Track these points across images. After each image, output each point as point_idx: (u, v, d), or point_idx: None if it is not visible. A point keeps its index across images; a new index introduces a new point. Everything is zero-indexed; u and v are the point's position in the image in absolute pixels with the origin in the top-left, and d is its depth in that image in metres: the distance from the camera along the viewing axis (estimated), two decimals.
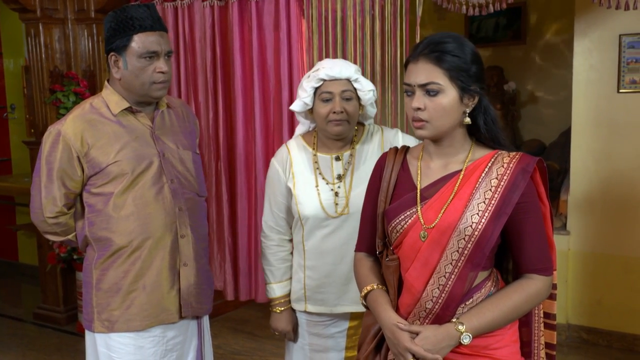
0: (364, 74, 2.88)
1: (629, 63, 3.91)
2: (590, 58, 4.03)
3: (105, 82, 2.26)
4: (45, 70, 4.53)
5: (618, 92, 3.95)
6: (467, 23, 5.98)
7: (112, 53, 2.15)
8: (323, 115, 2.21)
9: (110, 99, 2.20)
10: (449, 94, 1.65)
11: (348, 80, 2.21)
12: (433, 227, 1.67)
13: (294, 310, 2.40)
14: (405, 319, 1.71)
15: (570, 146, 4.17)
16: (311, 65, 3.76)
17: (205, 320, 2.43)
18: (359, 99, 2.24)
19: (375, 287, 1.80)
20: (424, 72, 1.66)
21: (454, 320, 1.65)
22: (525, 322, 1.78)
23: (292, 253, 2.40)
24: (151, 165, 2.19)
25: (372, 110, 2.33)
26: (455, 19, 5.89)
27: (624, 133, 3.95)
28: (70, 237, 2.29)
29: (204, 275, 2.34)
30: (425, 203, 1.71)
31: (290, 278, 2.39)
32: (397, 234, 1.73)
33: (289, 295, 2.39)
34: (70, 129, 2.14)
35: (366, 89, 2.22)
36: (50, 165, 2.16)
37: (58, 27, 4.58)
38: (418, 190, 1.74)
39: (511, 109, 5.80)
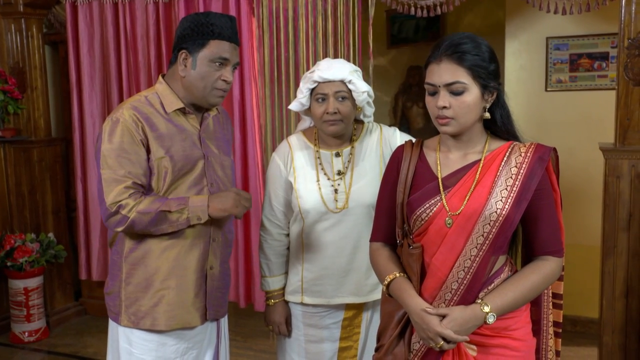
0: None
1: (555, 64, 4.22)
2: (520, 59, 4.30)
3: (160, 77, 2.21)
4: None
5: (546, 90, 4.25)
6: (389, 24, 6.17)
7: (183, 51, 2.11)
8: (318, 116, 2.27)
9: (166, 96, 2.16)
10: (473, 92, 1.74)
11: (342, 81, 2.24)
12: (459, 213, 1.76)
13: (287, 303, 2.43)
14: (430, 304, 1.78)
15: None
16: (262, 64, 3.78)
17: (224, 322, 2.42)
18: (354, 98, 2.28)
19: (397, 275, 1.86)
20: (448, 72, 1.73)
21: (478, 301, 1.74)
22: (535, 302, 1.89)
23: (288, 248, 2.43)
24: (196, 166, 2.17)
25: (369, 109, 2.37)
26: (378, 20, 6.03)
27: (552, 129, 4.24)
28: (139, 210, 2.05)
29: (225, 279, 2.34)
30: (448, 191, 1.79)
31: (286, 272, 2.42)
32: (422, 222, 1.81)
33: (282, 289, 2.42)
34: (128, 116, 2.08)
35: (360, 90, 2.25)
36: (108, 152, 2.05)
37: None
38: (439, 180, 1.82)
39: None
